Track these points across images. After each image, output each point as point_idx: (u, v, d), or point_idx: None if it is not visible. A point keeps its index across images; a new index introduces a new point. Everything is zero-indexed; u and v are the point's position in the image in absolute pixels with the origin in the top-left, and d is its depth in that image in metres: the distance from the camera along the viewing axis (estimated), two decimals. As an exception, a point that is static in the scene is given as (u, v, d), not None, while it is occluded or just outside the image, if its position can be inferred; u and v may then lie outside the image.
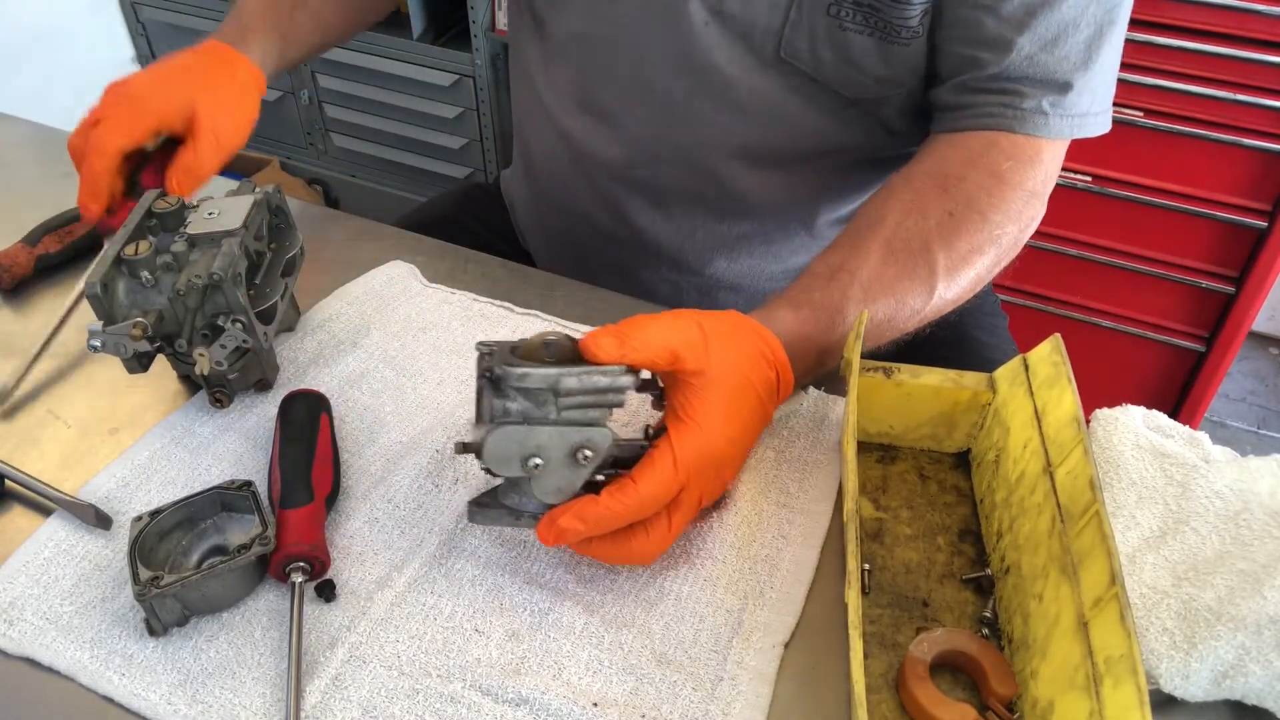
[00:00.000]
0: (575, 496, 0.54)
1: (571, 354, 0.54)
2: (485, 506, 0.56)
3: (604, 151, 0.89)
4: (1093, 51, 0.72)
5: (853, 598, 0.50)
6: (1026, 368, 0.63)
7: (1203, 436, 0.65)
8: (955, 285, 0.70)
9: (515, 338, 0.55)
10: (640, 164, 0.88)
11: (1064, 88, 0.72)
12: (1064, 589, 0.50)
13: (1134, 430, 0.65)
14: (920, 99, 0.80)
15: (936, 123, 0.78)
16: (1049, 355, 0.61)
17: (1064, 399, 0.57)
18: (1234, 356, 1.72)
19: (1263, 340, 2.22)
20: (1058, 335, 0.61)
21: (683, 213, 0.91)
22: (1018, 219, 0.72)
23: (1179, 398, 1.82)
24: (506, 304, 0.80)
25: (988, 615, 0.57)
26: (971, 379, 0.65)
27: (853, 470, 0.57)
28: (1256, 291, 1.62)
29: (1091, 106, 0.74)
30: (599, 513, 0.52)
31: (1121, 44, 0.74)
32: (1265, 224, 1.58)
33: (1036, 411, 0.60)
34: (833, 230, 0.92)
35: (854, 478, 0.56)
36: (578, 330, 0.77)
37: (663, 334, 0.54)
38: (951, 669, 0.54)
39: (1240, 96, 1.51)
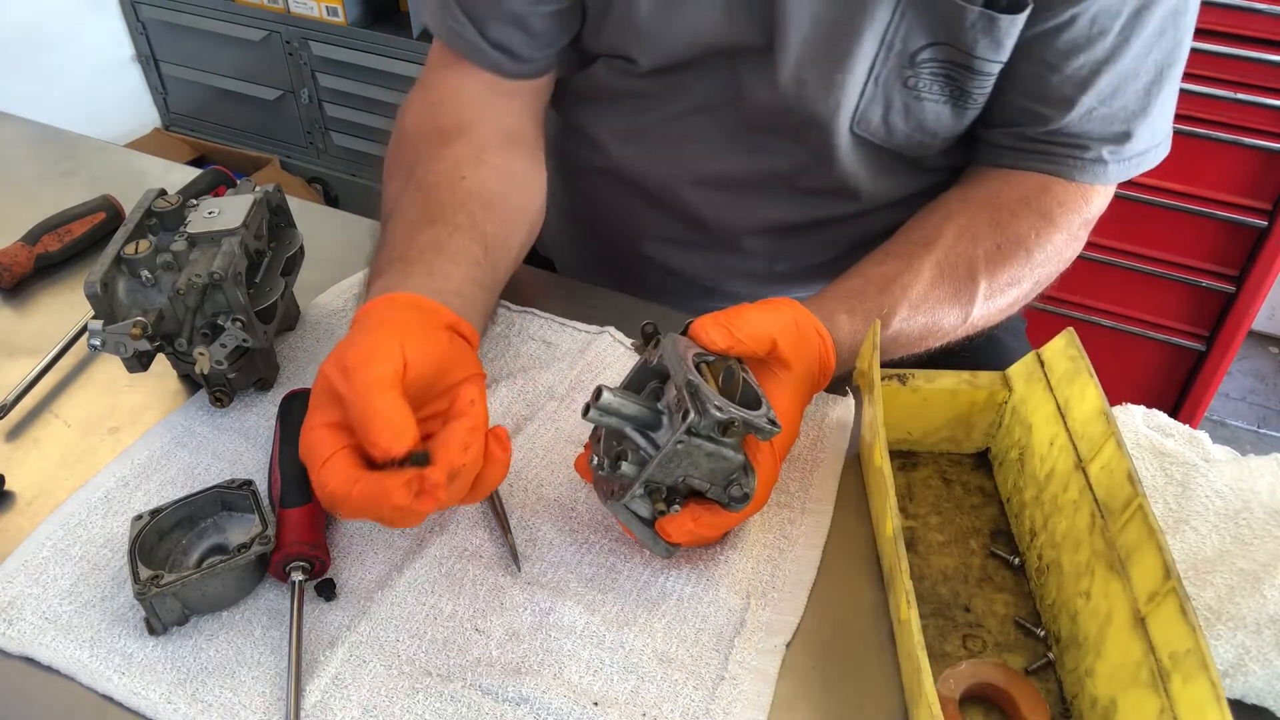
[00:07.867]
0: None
1: (730, 379, 0.56)
2: (602, 410, 0.54)
3: (651, 183, 0.87)
4: (1151, 96, 0.72)
5: (913, 616, 0.49)
6: (1042, 363, 0.62)
7: (1203, 435, 0.65)
8: (989, 311, 0.73)
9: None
10: (681, 209, 0.87)
11: (1123, 137, 0.73)
12: (1114, 585, 0.50)
13: (1134, 429, 0.65)
14: (959, 139, 0.79)
15: (985, 156, 0.78)
16: (1064, 349, 0.60)
17: (1088, 393, 0.57)
18: (1234, 356, 1.72)
19: (1263, 339, 2.22)
20: (1071, 329, 0.60)
21: (716, 257, 0.90)
22: (1057, 257, 0.76)
23: (1179, 397, 1.82)
24: (503, 301, 0.80)
25: (1022, 620, 0.56)
26: (986, 378, 0.65)
27: (890, 487, 0.55)
28: (1256, 290, 1.62)
29: (1150, 142, 0.75)
30: (725, 522, 0.56)
31: (1181, 73, 0.74)
32: (1265, 223, 1.57)
33: (1059, 407, 0.59)
34: (854, 258, 0.87)
35: (893, 496, 0.54)
36: (576, 329, 0.77)
37: (766, 325, 0.58)
38: (984, 702, 0.53)
39: (1240, 96, 1.51)
